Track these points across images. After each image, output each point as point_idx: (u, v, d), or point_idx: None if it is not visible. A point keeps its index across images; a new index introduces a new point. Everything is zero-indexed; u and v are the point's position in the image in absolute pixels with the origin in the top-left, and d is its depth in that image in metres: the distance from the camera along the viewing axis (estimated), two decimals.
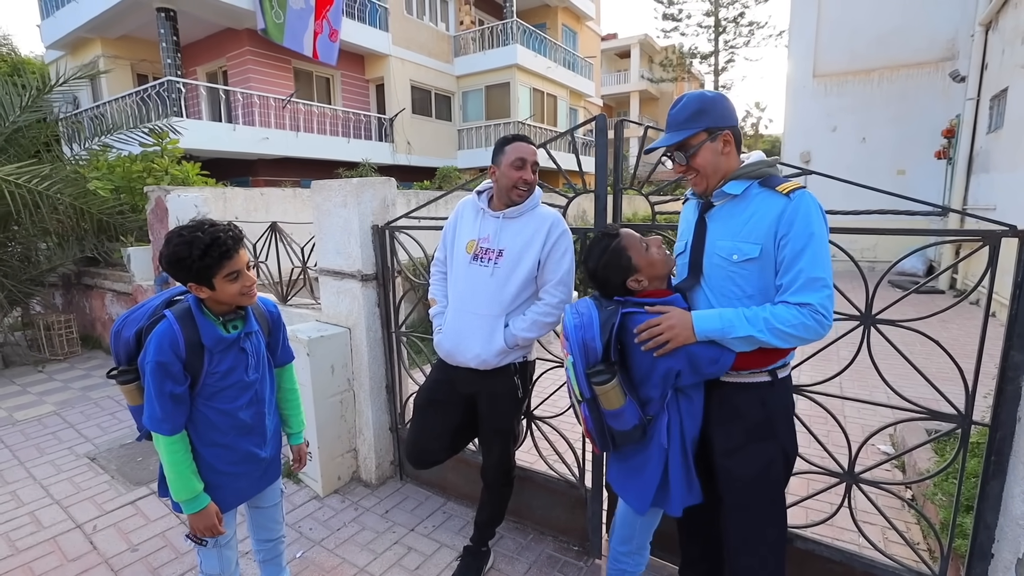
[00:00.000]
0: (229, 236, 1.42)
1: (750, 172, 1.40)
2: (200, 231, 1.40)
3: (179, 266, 1.40)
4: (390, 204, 2.82)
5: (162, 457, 1.46)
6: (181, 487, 1.44)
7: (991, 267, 1.50)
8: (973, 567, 1.58)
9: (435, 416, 2.02)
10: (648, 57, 31.50)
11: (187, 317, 1.45)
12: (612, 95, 29.59)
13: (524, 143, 1.89)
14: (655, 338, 1.39)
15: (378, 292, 2.79)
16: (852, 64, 10.05)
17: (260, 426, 1.64)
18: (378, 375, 2.86)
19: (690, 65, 29.30)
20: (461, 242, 1.98)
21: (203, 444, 1.52)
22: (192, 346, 1.44)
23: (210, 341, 1.46)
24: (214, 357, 1.48)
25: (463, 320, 1.92)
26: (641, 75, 30.07)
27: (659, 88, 31.03)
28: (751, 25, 26.48)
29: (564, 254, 1.90)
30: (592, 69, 20.25)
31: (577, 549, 2.36)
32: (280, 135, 11.62)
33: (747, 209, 1.38)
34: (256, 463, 1.65)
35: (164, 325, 1.42)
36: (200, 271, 1.40)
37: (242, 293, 1.48)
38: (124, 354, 1.51)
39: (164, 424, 1.42)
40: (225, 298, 1.46)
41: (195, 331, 1.45)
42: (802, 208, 1.29)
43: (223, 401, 1.53)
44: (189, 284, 1.44)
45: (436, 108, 15.90)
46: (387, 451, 2.97)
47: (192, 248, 1.37)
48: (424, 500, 2.79)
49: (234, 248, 1.43)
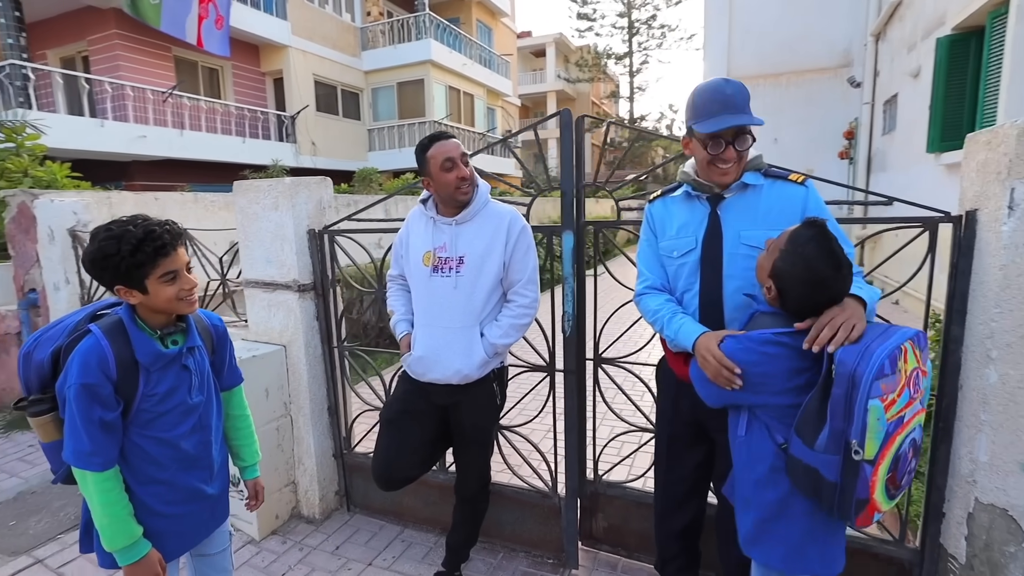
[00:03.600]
0: (165, 231, 1.32)
1: (758, 165, 1.56)
2: (132, 225, 1.29)
3: (105, 264, 1.27)
4: (326, 207, 2.73)
5: (91, 500, 1.31)
6: (116, 532, 1.30)
7: (931, 252, 1.75)
8: (928, 527, 1.82)
9: (411, 428, 1.98)
10: (564, 57, 32.73)
11: (117, 331, 1.32)
12: (528, 95, 30.36)
13: (442, 141, 1.86)
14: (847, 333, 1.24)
15: (317, 304, 2.68)
16: (762, 68, 11.12)
17: (206, 457, 1.52)
18: (319, 396, 2.74)
19: (605, 66, 30.94)
20: (416, 255, 1.95)
21: (138, 482, 1.38)
22: (124, 365, 1.31)
23: (146, 358, 1.34)
24: (151, 376, 1.36)
25: (435, 336, 1.89)
26: (557, 75, 31.16)
27: (575, 88, 32.33)
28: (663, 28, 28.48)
29: (527, 251, 1.93)
30: (509, 67, 20.71)
31: (552, 562, 2.40)
32: (160, 133, 10.73)
33: (762, 199, 1.52)
34: (202, 501, 1.52)
35: (90, 341, 1.29)
36: (130, 270, 1.28)
37: (180, 298, 1.37)
38: (36, 380, 1.35)
39: (94, 459, 1.27)
40: (160, 304, 1.35)
41: (127, 347, 1.32)
42: (815, 194, 1.49)
43: (162, 428, 1.40)
44: (117, 288, 1.31)
45: (343, 106, 15.48)
46: (331, 481, 2.84)
47: (121, 243, 1.26)
48: (378, 530, 2.70)
49: (171, 244, 1.32)
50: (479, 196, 1.91)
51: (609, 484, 2.39)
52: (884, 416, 1.13)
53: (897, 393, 1.16)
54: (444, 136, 1.87)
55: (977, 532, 1.65)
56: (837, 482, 1.20)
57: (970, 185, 1.68)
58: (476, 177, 1.92)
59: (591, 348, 2.31)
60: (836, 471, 1.20)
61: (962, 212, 1.68)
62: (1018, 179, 1.46)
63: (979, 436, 1.61)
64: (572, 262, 2.15)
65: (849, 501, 1.19)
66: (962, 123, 5.55)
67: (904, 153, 7.30)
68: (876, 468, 1.16)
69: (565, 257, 2.16)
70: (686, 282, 1.64)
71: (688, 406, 1.71)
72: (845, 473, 1.18)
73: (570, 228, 2.15)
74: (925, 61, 6.41)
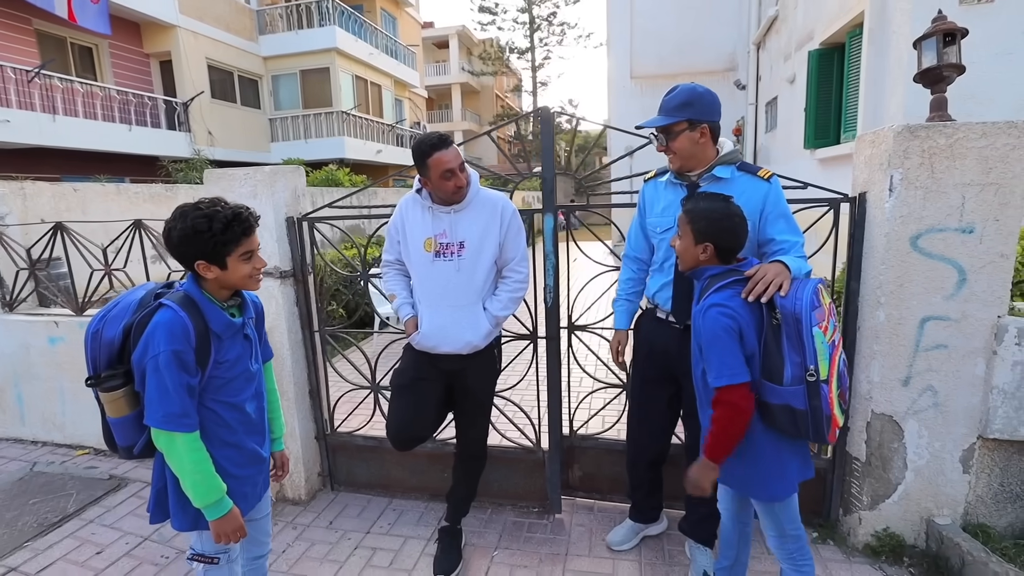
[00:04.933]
0: (250, 214, 1.47)
1: (731, 159, 1.92)
2: (219, 206, 1.42)
3: (196, 240, 1.39)
4: (300, 195, 2.83)
5: (181, 461, 1.41)
6: (209, 488, 1.43)
7: (835, 228, 2.28)
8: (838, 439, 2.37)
9: (424, 391, 2.18)
10: (467, 49, 32.96)
11: (189, 304, 1.44)
12: (433, 86, 30.27)
13: (442, 152, 1.95)
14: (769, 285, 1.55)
15: (296, 289, 2.78)
16: (661, 69, 12.13)
17: (263, 422, 1.67)
18: (301, 380, 2.84)
19: (508, 60, 31.59)
20: (416, 241, 2.14)
21: (213, 445, 1.50)
22: (200, 334, 1.44)
23: (219, 326, 1.48)
24: (223, 344, 1.50)
25: (442, 315, 2.12)
26: (461, 67, 31.34)
27: (479, 82, 32.73)
28: (563, 25, 29.56)
29: (518, 232, 2.22)
30: (415, 58, 20.58)
31: (537, 510, 2.72)
32: (27, 118, 9.57)
33: (732, 189, 1.84)
34: (261, 464, 1.66)
35: (167, 313, 1.40)
36: (217, 247, 1.41)
37: (251, 276, 1.52)
38: (105, 358, 1.43)
39: (184, 420, 1.39)
40: (235, 280, 1.49)
41: (201, 318, 1.45)
42: (777, 188, 1.87)
43: (230, 394, 1.54)
44: (198, 263, 1.43)
45: (241, 93, 14.62)
46: (314, 462, 2.95)
47: (213, 222, 1.39)
48: (367, 504, 2.86)
49: (254, 226, 1.48)
50: (471, 186, 2.13)
51: (583, 437, 2.75)
52: (824, 339, 1.55)
53: (826, 321, 1.55)
54: (444, 144, 1.98)
55: (872, 436, 2.20)
56: (806, 409, 1.49)
57: (860, 173, 2.22)
58: (470, 173, 2.12)
59: (564, 317, 2.65)
60: (803, 399, 1.49)
61: (855, 194, 2.22)
62: (895, 168, 1.99)
63: (873, 363, 2.15)
64: (553, 240, 2.47)
65: (821, 420, 1.49)
66: (830, 125, 6.60)
67: (785, 148, 8.42)
68: (830, 386, 1.49)
69: (546, 236, 2.47)
70: (666, 253, 2.04)
71: (661, 348, 2.12)
72: (811, 397, 1.48)
73: (550, 211, 2.47)
74: (799, 69, 7.46)
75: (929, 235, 2.00)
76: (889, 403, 2.15)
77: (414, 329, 2.17)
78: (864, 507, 2.26)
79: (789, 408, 1.53)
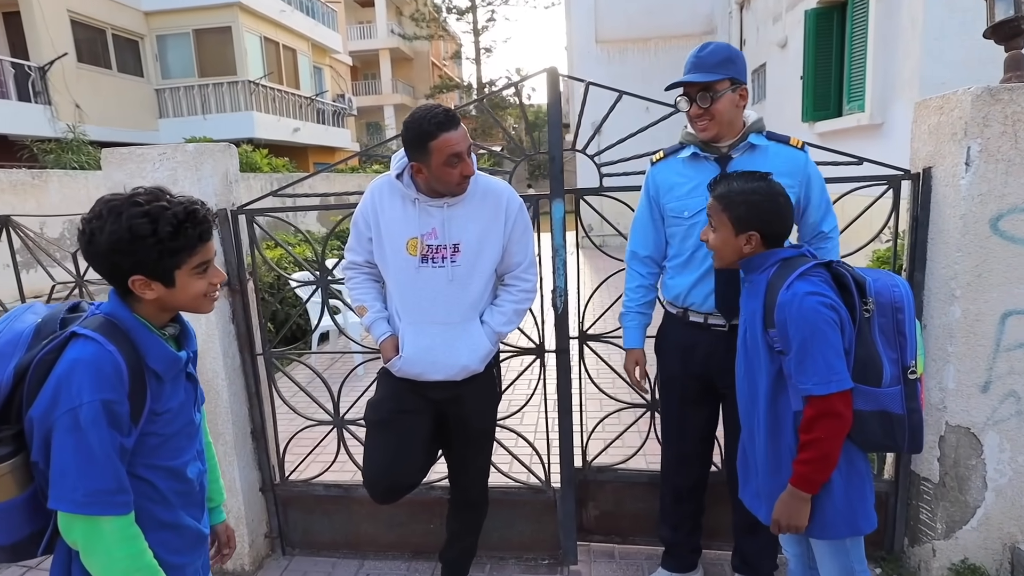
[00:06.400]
0: (207, 211, 1.24)
1: (759, 127, 1.92)
2: (163, 201, 1.17)
3: (132, 248, 1.14)
4: (233, 181, 2.59)
5: (108, 558, 1.16)
6: None
7: (894, 210, 2.28)
8: (901, 457, 2.37)
9: (407, 428, 2.00)
10: (396, 8, 32.46)
11: (116, 333, 1.20)
12: (357, 53, 29.62)
13: (450, 132, 1.75)
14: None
15: (232, 301, 2.54)
16: (630, 32, 12.29)
17: (202, 491, 1.45)
18: (241, 418, 2.59)
19: (446, 21, 31.34)
20: (395, 241, 1.92)
21: (145, 528, 1.25)
22: (135, 374, 1.20)
23: (159, 363, 1.24)
24: (163, 388, 1.27)
25: (430, 335, 1.92)
26: (391, 30, 30.82)
27: (412, 47, 32.30)
28: None
29: (526, 231, 2.05)
30: (336, 17, 20.07)
31: (548, 562, 2.60)
32: None
33: (769, 160, 1.86)
34: (202, 546, 1.45)
35: (89, 347, 1.14)
36: (163, 258, 1.17)
37: (206, 295, 1.30)
38: None
39: (119, 498, 1.15)
40: (183, 300, 1.26)
41: (133, 351, 1.20)
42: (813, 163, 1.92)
43: (168, 456, 1.30)
44: (134, 279, 1.18)
45: (117, 57, 13.75)
46: (260, 521, 2.71)
47: (159, 223, 1.14)
48: (331, 569, 2.66)
49: (212, 228, 1.26)
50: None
51: (599, 469, 2.65)
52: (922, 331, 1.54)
53: None
54: (451, 123, 1.76)
55: (947, 452, 2.20)
56: (903, 414, 1.50)
57: (922, 145, 2.22)
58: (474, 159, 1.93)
59: (575, 325, 2.54)
60: (900, 401, 1.49)
61: (918, 171, 2.22)
62: (973, 139, 1.99)
63: (947, 367, 2.16)
64: (563, 232, 2.35)
65: (918, 425, 1.51)
66: (831, 95, 6.83)
67: (777, 122, 8.67)
68: (922, 384, 1.55)
69: (555, 227, 2.35)
70: (696, 242, 1.96)
71: (701, 358, 2.06)
72: (908, 399, 1.52)
73: (559, 196, 2.35)
74: (792, 32, 7.69)
75: (1012, 215, 2.01)
76: (966, 413, 2.16)
77: (393, 352, 1.96)
78: (938, 536, 2.26)
79: (885, 415, 1.52)
